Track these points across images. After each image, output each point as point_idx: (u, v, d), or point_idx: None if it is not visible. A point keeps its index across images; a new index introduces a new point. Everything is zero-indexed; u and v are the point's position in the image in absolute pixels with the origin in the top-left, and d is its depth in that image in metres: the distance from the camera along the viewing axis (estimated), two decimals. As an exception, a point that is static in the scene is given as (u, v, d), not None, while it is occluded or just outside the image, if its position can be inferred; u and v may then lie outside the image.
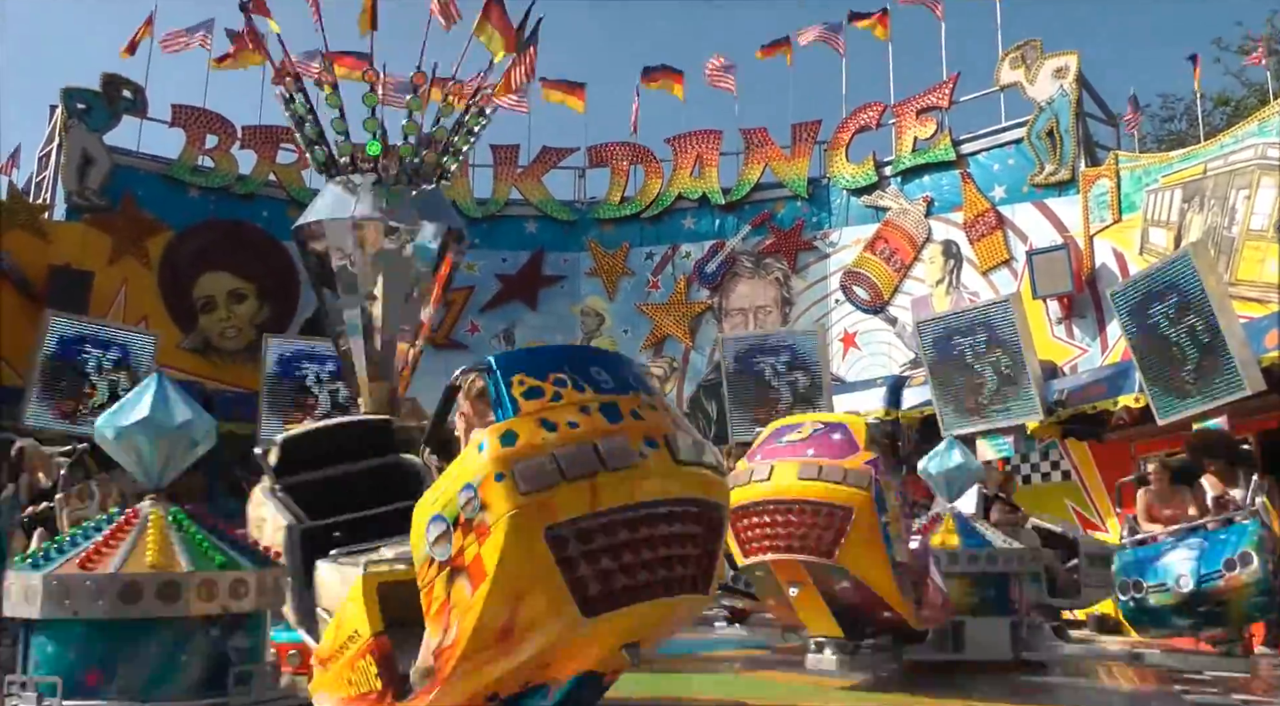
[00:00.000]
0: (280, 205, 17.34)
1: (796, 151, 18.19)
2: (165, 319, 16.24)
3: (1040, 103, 15.31)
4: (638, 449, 3.25)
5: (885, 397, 14.70)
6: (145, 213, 16.56)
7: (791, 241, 18.00)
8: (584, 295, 18.78)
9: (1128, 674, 7.87)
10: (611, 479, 3.19)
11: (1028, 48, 15.67)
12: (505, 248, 18.52)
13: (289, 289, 17.17)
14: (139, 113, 16.93)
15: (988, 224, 15.69)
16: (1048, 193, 15.14)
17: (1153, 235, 13.29)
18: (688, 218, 18.75)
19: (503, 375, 3.50)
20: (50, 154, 16.31)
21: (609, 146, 19.23)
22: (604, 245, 18.87)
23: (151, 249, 16.52)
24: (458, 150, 7.59)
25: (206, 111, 17.59)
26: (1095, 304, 13.81)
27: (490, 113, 7.65)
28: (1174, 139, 23.82)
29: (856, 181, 17.51)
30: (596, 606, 3.17)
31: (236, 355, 16.85)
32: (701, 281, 18.43)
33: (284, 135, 17.10)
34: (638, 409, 3.40)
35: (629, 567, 3.19)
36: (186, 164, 17.33)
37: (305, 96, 7.29)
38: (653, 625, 3.42)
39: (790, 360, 14.64)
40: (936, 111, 16.86)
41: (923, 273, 16.52)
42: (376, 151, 7.19)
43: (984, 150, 16.22)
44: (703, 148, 18.71)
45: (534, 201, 18.99)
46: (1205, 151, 12.92)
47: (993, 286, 15.30)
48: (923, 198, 16.73)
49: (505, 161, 19.02)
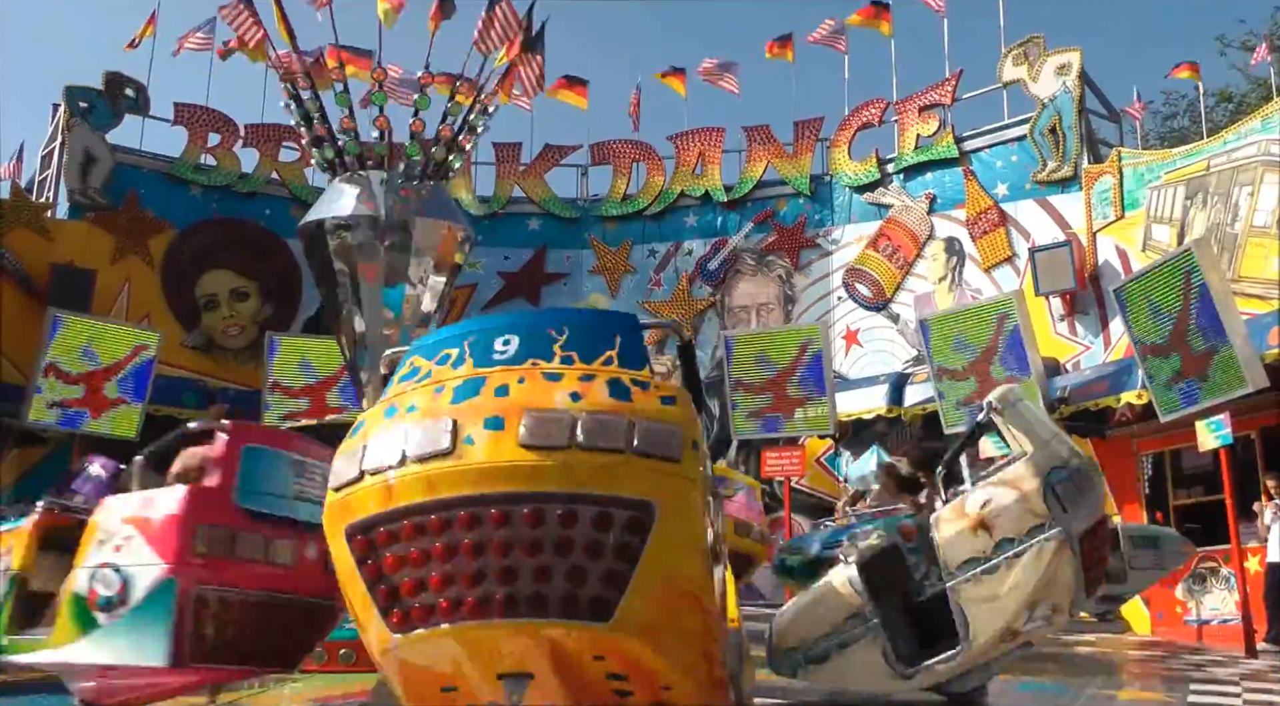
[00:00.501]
0: (283, 203, 17.36)
1: (799, 148, 18.19)
2: (168, 317, 16.26)
3: (1043, 99, 15.31)
4: (465, 434, 2.64)
5: (887, 395, 14.74)
6: (148, 211, 16.57)
7: (794, 239, 18.00)
8: (587, 292, 18.76)
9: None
10: (408, 472, 2.64)
11: (1030, 44, 15.66)
12: (508, 245, 18.52)
13: (291, 287, 17.18)
14: (141, 111, 16.95)
15: (990, 221, 15.68)
16: (1050, 189, 15.14)
17: (1155, 232, 13.28)
18: (690, 215, 18.75)
19: (407, 356, 3.08)
20: (53, 152, 16.33)
21: (611, 144, 19.23)
22: (606, 242, 18.88)
23: (154, 247, 16.53)
24: (462, 148, 7.59)
25: (209, 110, 17.61)
26: (1098, 301, 13.81)
27: (493, 111, 7.65)
28: (1176, 136, 23.81)
29: (859, 178, 17.51)
30: (405, 623, 2.64)
31: (239, 353, 16.87)
32: (704, 279, 18.43)
33: (286, 133, 17.11)
34: (511, 384, 2.76)
35: (435, 580, 2.58)
36: (189, 162, 17.34)
37: (315, 93, 7.29)
38: (475, 655, 2.69)
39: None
40: (939, 108, 16.86)
41: (925, 270, 16.52)
42: (382, 150, 7.20)
43: (986, 147, 16.22)
44: (705, 145, 18.72)
45: (536, 199, 19.00)
46: (1208, 148, 12.91)
47: (995, 283, 15.30)
48: (925, 195, 16.73)
49: (508, 159, 19.04)
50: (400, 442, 2.69)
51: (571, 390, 2.72)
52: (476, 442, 2.63)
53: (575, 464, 2.59)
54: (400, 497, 2.64)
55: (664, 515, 2.57)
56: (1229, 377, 9.83)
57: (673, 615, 2.62)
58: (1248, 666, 8.21)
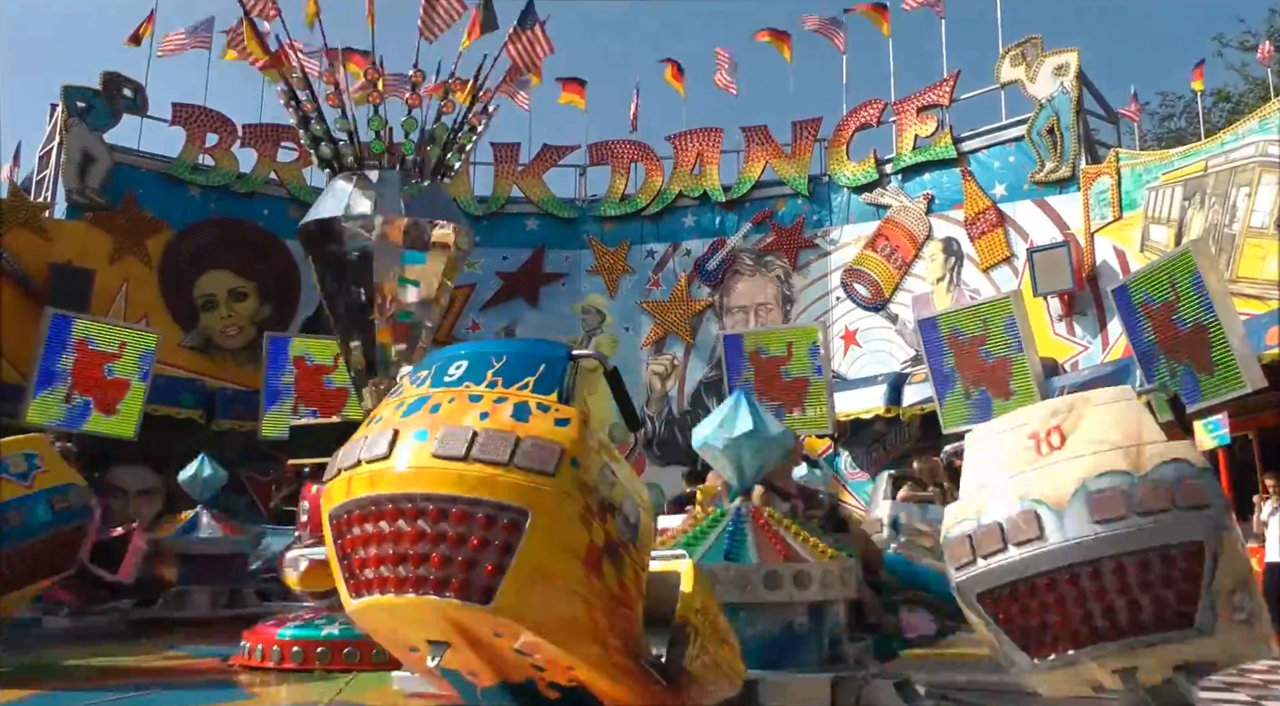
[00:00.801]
0: (281, 203, 17.37)
1: (797, 149, 18.20)
2: (166, 317, 16.26)
3: (1041, 100, 15.33)
4: (400, 443, 3.21)
5: (886, 395, 14.76)
6: (146, 211, 16.57)
7: (792, 239, 18.01)
8: (585, 293, 18.79)
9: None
10: (360, 471, 3.25)
11: (1028, 45, 15.68)
12: (506, 245, 18.52)
13: (290, 287, 17.19)
14: (139, 111, 16.94)
15: (988, 221, 15.70)
16: (1048, 190, 15.17)
17: (1153, 232, 13.31)
18: (688, 215, 18.76)
19: (400, 375, 3.77)
20: (51, 152, 16.31)
21: (610, 144, 19.24)
22: (605, 243, 18.88)
23: (152, 247, 16.52)
24: (462, 147, 7.57)
25: (207, 110, 17.60)
26: (1096, 301, 13.83)
27: (494, 110, 7.64)
28: (1173, 137, 23.84)
29: (857, 179, 17.52)
30: (356, 593, 3.25)
31: (237, 353, 16.86)
32: (702, 279, 18.44)
33: (285, 133, 17.12)
34: (443, 402, 3.33)
35: (373, 560, 3.20)
36: (187, 162, 17.33)
37: (312, 93, 7.28)
38: (401, 623, 3.31)
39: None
40: (937, 109, 16.87)
41: (923, 270, 16.54)
42: (381, 149, 7.19)
43: (984, 147, 16.24)
44: (703, 145, 18.72)
45: (535, 199, 19.00)
46: (1206, 148, 12.93)
47: (993, 284, 15.32)
48: (923, 195, 16.75)
49: (506, 159, 19.04)
50: (360, 447, 3.32)
51: (483, 410, 3.29)
52: (405, 451, 3.21)
53: (467, 473, 3.13)
54: (355, 491, 3.26)
55: (535, 520, 3.09)
56: (1227, 378, 9.85)
57: (550, 605, 3.13)
58: (1248, 666, 8.20)
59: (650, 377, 18.34)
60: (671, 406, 18.14)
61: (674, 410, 18.08)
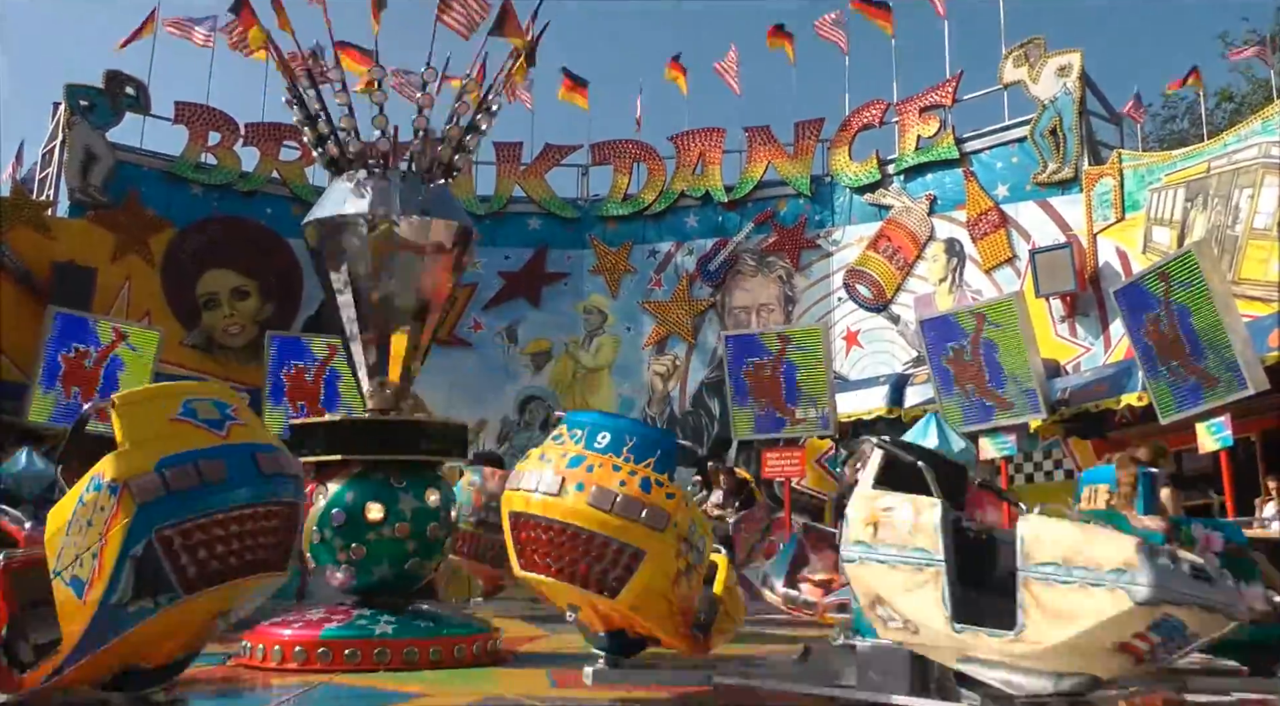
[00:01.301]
0: (283, 202, 17.36)
1: (799, 149, 18.19)
2: (168, 315, 16.27)
3: (1043, 101, 15.32)
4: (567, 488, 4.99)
5: (888, 396, 14.74)
6: (148, 209, 16.56)
7: (794, 239, 18.00)
8: (587, 292, 18.79)
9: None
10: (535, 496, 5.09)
11: (1031, 46, 15.67)
12: (508, 245, 18.52)
13: (292, 286, 17.18)
14: (142, 110, 16.93)
15: (991, 222, 15.70)
16: (1051, 191, 15.16)
17: (1156, 234, 13.30)
18: (691, 215, 18.76)
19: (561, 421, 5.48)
20: (53, 151, 16.32)
21: (612, 144, 19.23)
22: (607, 242, 18.88)
23: (154, 246, 16.53)
24: (466, 147, 7.56)
25: (209, 108, 17.60)
26: (1098, 302, 13.83)
27: (497, 110, 7.62)
28: (1176, 138, 23.82)
29: (859, 179, 17.52)
30: (525, 566, 5.20)
31: (239, 352, 16.87)
32: (704, 279, 18.43)
33: (287, 132, 17.11)
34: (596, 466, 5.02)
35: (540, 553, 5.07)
36: (189, 161, 17.32)
37: (317, 92, 7.27)
38: (549, 592, 5.26)
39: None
40: (940, 109, 16.86)
41: (926, 271, 16.53)
42: (385, 148, 7.17)
43: (987, 148, 16.23)
44: (706, 145, 18.72)
45: (537, 199, 19.00)
46: (1209, 150, 12.92)
47: (996, 285, 15.31)
48: (926, 196, 16.74)
49: (508, 159, 19.02)
50: (537, 479, 5.11)
51: (622, 479, 4.99)
52: (569, 493, 4.99)
53: (609, 521, 4.93)
54: (532, 509, 5.10)
55: (649, 558, 4.92)
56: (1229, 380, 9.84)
57: (650, 604, 5.05)
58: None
59: (652, 378, 18.34)
60: (673, 407, 18.14)
61: (675, 410, 18.09)
